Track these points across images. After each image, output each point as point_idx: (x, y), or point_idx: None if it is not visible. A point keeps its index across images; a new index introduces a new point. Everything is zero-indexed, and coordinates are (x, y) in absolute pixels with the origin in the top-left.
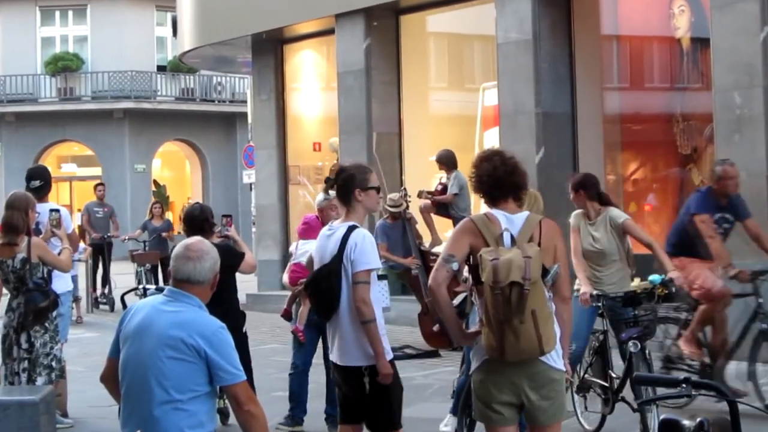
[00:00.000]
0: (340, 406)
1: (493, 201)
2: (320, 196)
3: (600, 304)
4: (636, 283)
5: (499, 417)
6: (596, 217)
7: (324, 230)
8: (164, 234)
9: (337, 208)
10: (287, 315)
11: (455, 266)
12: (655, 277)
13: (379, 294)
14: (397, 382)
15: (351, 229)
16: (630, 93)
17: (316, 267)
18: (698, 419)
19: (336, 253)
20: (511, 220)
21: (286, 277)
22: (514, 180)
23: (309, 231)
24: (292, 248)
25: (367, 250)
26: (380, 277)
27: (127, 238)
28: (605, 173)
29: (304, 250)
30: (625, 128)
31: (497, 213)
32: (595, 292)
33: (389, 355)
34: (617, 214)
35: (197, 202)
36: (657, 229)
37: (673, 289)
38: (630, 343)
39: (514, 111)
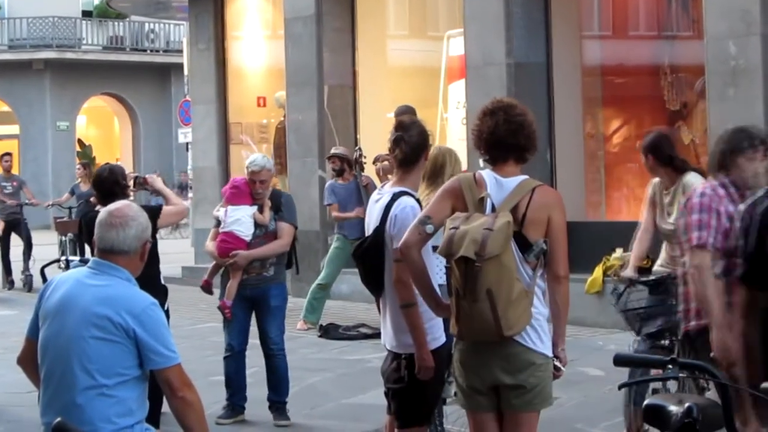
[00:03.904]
0: (385, 395)
1: (492, 161)
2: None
3: (619, 292)
4: (619, 254)
5: (475, 402)
6: (671, 186)
7: (373, 195)
8: (92, 199)
9: (267, 182)
10: (207, 287)
11: (429, 229)
12: None
13: (436, 269)
14: (438, 375)
15: (397, 196)
16: (612, 42)
17: (367, 234)
18: (686, 404)
19: (378, 224)
20: (501, 185)
21: (211, 246)
22: (518, 141)
23: (239, 195)
24: (219, 214)
25: (409, 224)
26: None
27: (51, 203)
28: (584, 131)
29: (236, 217)
30: (606, 81)
31: (487, 175)
32: (624, 274)
33: (437, 343)
34: (691, 180)
35: (107, 163)
36: (642, 194)
37: None
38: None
39: (483, 62)
